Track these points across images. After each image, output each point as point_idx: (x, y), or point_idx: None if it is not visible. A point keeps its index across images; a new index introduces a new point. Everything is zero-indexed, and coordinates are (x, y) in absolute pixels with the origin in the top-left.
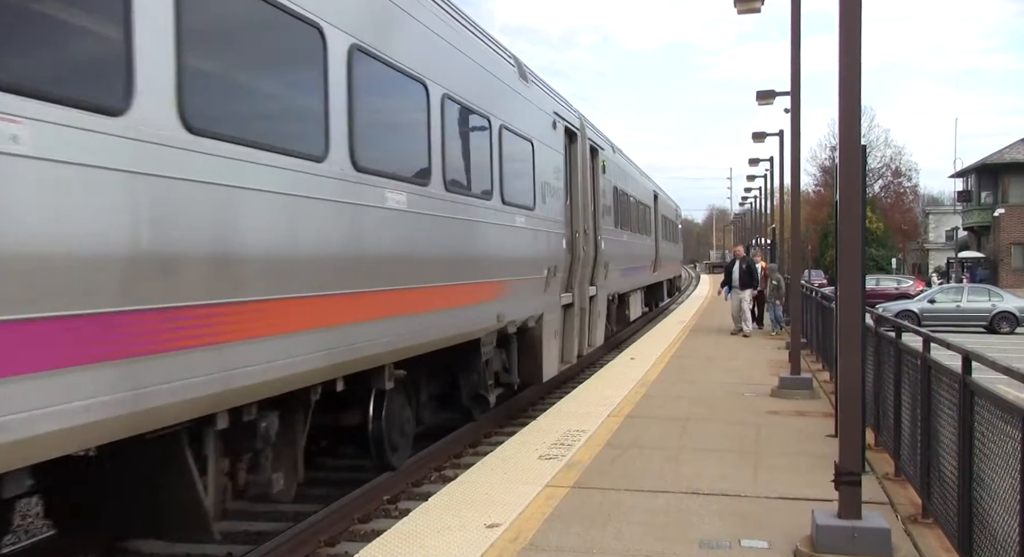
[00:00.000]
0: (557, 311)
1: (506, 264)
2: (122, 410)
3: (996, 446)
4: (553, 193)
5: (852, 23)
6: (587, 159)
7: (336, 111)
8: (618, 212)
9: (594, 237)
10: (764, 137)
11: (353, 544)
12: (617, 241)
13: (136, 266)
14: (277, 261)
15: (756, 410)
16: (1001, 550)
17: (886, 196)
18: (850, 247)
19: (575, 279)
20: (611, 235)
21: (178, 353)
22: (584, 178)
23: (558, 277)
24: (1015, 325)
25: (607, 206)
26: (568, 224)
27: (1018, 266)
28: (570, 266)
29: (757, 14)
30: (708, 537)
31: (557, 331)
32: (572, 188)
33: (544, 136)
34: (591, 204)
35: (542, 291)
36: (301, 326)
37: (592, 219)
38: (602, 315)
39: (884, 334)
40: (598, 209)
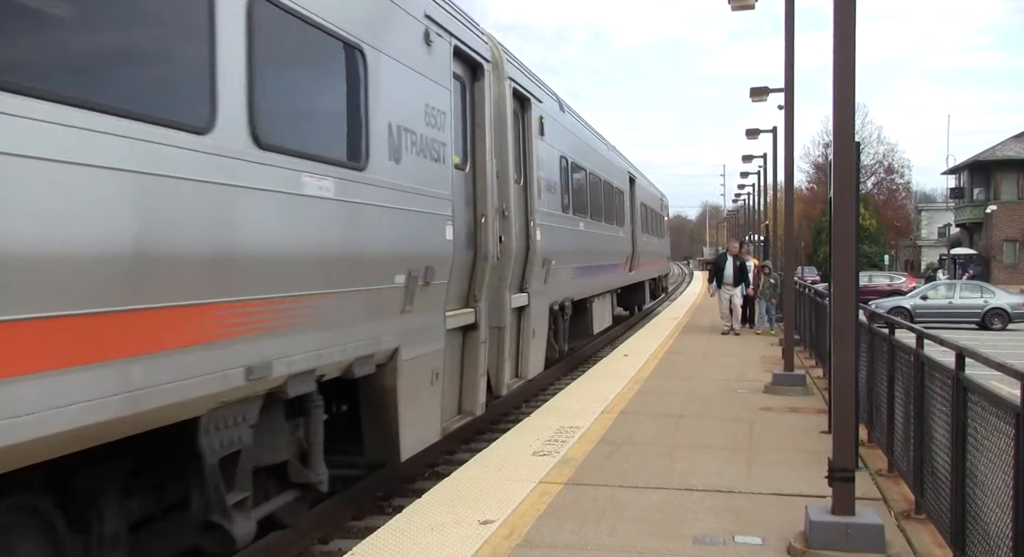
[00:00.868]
0: (437, 340)
1: (274, 265)
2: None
3: (989, 442)
4: (423, 150)
5: (846, 20)
6: (506, 109)
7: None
8: (570, 193)
9: (525, 224)
10: (757, 134)
11: (346, 541)
12: (568, 231)
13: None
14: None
15: (750, 406)
16: (994, 545)
17: (879, 193)
18: (844, 244)
19: (480, 286)
20: (558, 223)
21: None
22: (500, 136)
23: (438, 286)
24: (1007, 321)
25: (550, 183)
26: (467, 202)
27: (1010, 262)
28: (472, 267)
29: (750, 10)
30: (702, 533)
31: (439, 372)
32: (474, 148)
33: (397, 47)
34: (516, 176)
35: (396, 311)
36: None
37: (520, 199)
38: (540, 332)
39: (877, 330)
40: (531, 185)
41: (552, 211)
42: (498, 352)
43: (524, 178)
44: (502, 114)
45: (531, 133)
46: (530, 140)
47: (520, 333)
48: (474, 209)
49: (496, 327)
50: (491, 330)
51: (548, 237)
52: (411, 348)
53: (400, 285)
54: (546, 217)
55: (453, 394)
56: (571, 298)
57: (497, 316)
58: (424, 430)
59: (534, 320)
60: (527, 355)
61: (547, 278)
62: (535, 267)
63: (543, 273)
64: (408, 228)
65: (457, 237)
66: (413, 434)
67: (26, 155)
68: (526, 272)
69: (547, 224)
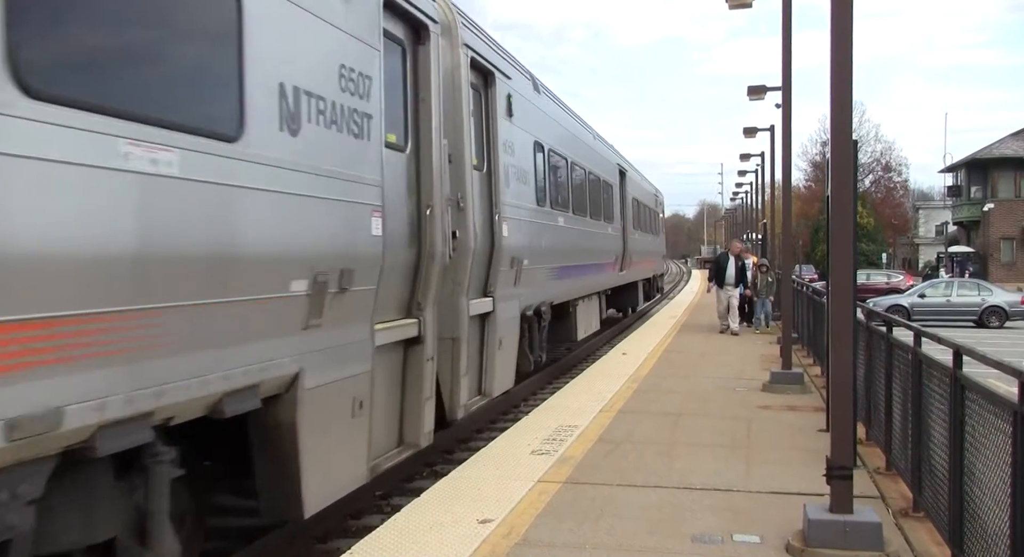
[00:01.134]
0: (359, 360)
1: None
2: None
3: (987, 440)
4: (337, 122)
5: (844, 18)
6: (462, 82)
7: None
8: (548, 184)
9: (488, 218)
10: (755, 132)
11: (345, 540)
12: (545, 227)
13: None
14: None
15: (748, 405)
16: (992, 543)
17: (876, 191)
18: (842, 242)
19: (426, 291)
20: (531, 217)
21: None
22: (453, 114)
23: (361, 293)
24: (1004, 319)
25: (521, 171)
26: (409, 191)
27: (1007, 260)
28: (415, 269)
29: (748, 9)
30: (701, 532)
31: (363, 400)
32: (417, 126)
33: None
34: (476, 162)
35: (295, 326)
36: None
37: (482, 188)
38: (509, 341)
39: (875, 329)
40: (496, 173)
41: (524, 204)
42: (452, 368)
43: (487, 165)
44: (456, 87)
45: (495, 112)
46: (494, 121)
47: (484, 344)
48: (417, 199)
49: (450, 338)
50: (443, 343)
51: (518, 233)
52: (319, 373)
53: (299, 293)
54: (516, 210)
55: (389, 423)
56: (550, 301)
57: (451, 326)
58: (340, 474)
59: (501, 328)
60: (492, 369)
61: (517, 280)
62: (501, 267)
63: (512, 274)
64: (311, 220)
65: (391, 232)
66: (323, 481)
67: None
68: (490, 273)
69: (517, 218)
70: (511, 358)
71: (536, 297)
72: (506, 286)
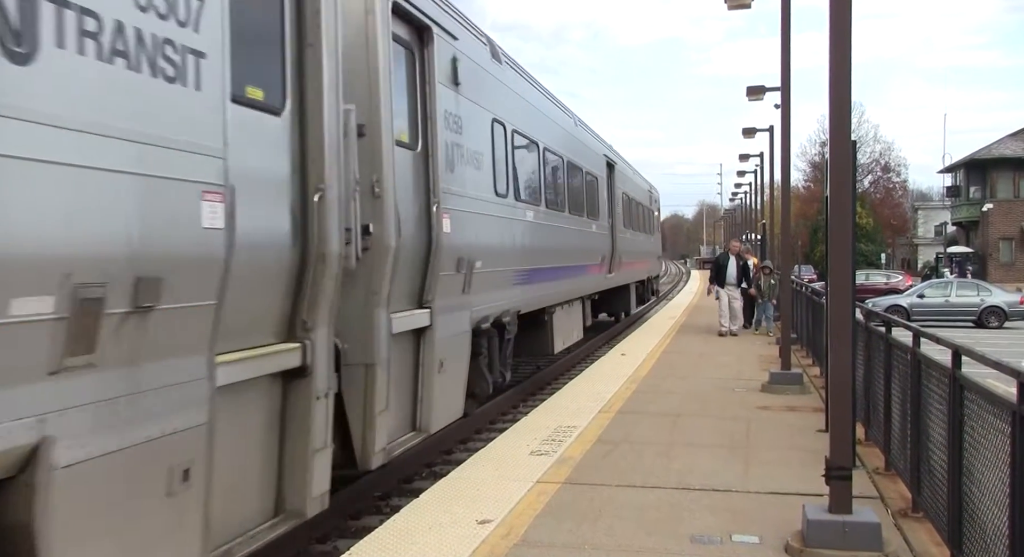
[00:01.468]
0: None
1: None
2: None
3: (986, 440)
4: (128, 53)
5: (842, 19)
6: (375, 31)
7: None
8: (512, 172)
9: (424, 210)
10: (754, 133)
11: (344, 541)
12: (508, 222)
13: None
14: None
15: (747, 405)
16: (991, 543)
17: (875, 191)
18: (841, 242)
19: (314, 306)
20: (487, 209)
21: None
22: (364, 70)
23: (184, 313)
24: (1003, 319)
25: (473, 155)
26: (284, 170)
27: (1006, 260)
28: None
29: (747, 10)
30: (699, 532)
31: (190, 468)
32: (302, 83)
33: None
34: (408, 139)
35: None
36: None
37: (415, 172)
38: (455, 362)
39: (874, 329)
40: (435, 154)
41: (477, 194)
42: (365, 404)
43: (423, 143)
44: (370, 39)
45: (433, 78)
46: (432, 89)
47: (418, 367)
48: (302, 180)
49: (361, 365)
50: (351, 371)
51: (468, 229)
52: (87, 440)
53: (29, 318)
54: (464, 201)
55: (253, 490)
56: (515, 310)
57: (362, 348)
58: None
59: (442, 346)
60: (430, 398)
61: (467, 286)
62: (442, 271)
63: (459, 279)
64: (61, 200)
65: (251, 224)
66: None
67: None
68: (427, 278)
69: (466, 211)
70: (458, 382)
71: (495, 306)
72: (450, 294)
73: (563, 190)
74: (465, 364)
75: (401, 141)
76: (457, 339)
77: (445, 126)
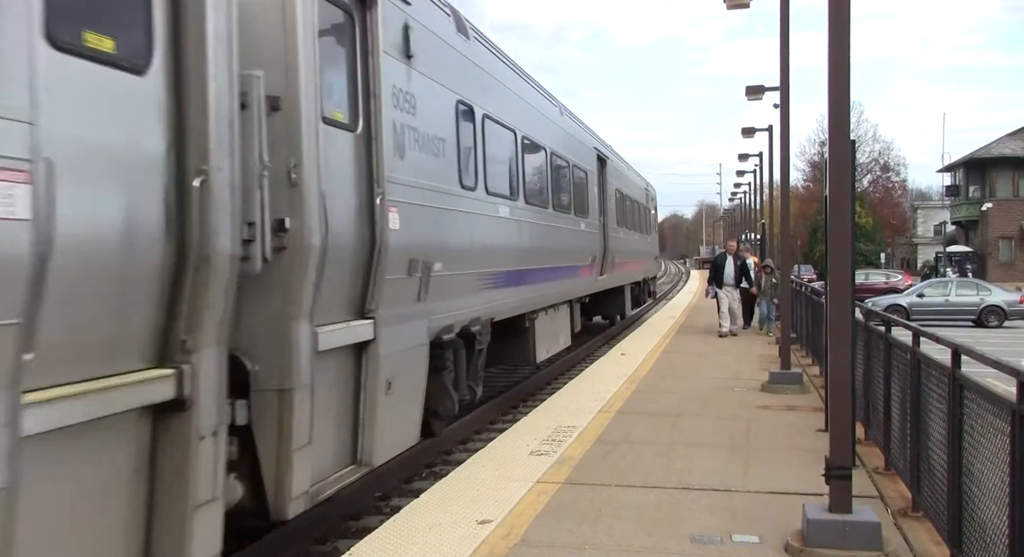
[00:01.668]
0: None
1: None
2: None
3: (985, 439)
4: None
5: (841, 19)
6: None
7: None
8: (482, 161)
9: (366, 202)
10: (753, 133)
11: (344, 541)
12: (476, 219)
13: None
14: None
15: (746, 405)
16: (991, 542)
17: (875, 191)
18: (840, 242)
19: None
20: (449, 204)
21: None
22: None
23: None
24: (1003, 319)
25: (430, 140)
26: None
27: (1006, 260)
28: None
29: (746, 10)
30: (699, 532)
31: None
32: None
33: None
34: (339, 115)
35: None
36: None
37: (355, 157)
38: (408, 382)
39: (874, 328)
40: (379, 136)
41: (437, 185)
42: (279, 439)
43: (364, 123)
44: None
45: (377, 47)
46: (376, 60)
47: (360, 389)
48: (179, 160)
49: (274, 391)
50: (262, 398)
51: (426, 226)
52: None
53: None
54: (420, 193)
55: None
56: (488, 317)
57: (276, 370)
58: None
59: (391, 363)
60: (374, 425)
61: (423, 291)
62: (389, 274)
63: (413, 284)
64: None
65: (83, 213)
66: None
67: None
68: (370, 283)
69: (422, 204)
70: (412, 404)
71: (461, 314)
72: (401, 302)
73: (546, 184)
74: (422, 382)
75: (334, 119)
76: (410, 354)
77: (394, 105)
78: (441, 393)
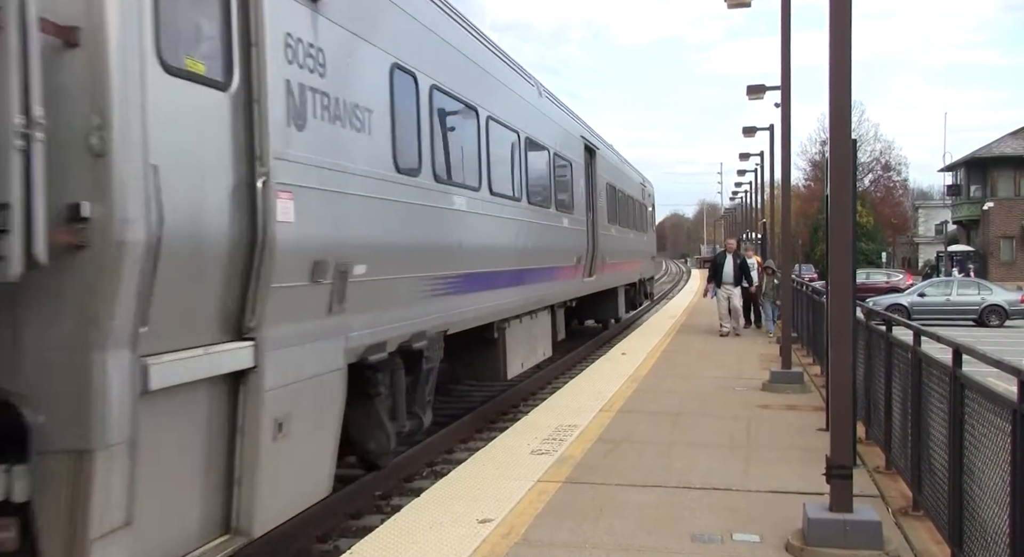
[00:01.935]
0: None
1: None
2: None
3: (986, 439)
4: None
5: (842, 18)
6: None
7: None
8: (429, 141)
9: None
10: (754, 132)
11: (345, 540)
12: (421, 211)
13: None
14: None
15: (747, 404)
16: (991, 542)
17: (876, 190)
18: (841, 241)
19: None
20: (377, 191)
21: None
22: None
23: None
24: (1004, 318)
25: (350, 108)
26: None
27: (1007, 259)
28: None
29: (747, 9)
30: (700, 531)
31: None
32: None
33: None
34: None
35: None
36: None
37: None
38: (311, 419)
39: (875, 328)
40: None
41: (358, 167)
42: (72, 524)
43: (242, 79)
44: None
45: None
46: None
47: (236, 435)
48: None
49: (70, 452)
50: (50, 464)
51: (339, 218)
52: None
53: None
54: (331, 177)
55: None
56: (438, 330)
57: (71, 424)
58: None
59: (284, 398)
60: (253, 482)
61: (338, 302)
62: (279, 281)
63: (321, 293)
64: None
65: None
66: None
67: None
68: (249, 293)
69: (335, 191)
70: (319, 447)
71: (399, 327)
72: (299, 316)
73: (519, 174)
74: (335, 417)
75: (190, 71)
76: (316, 383)
77: (288, 60)
78: (371, 425)
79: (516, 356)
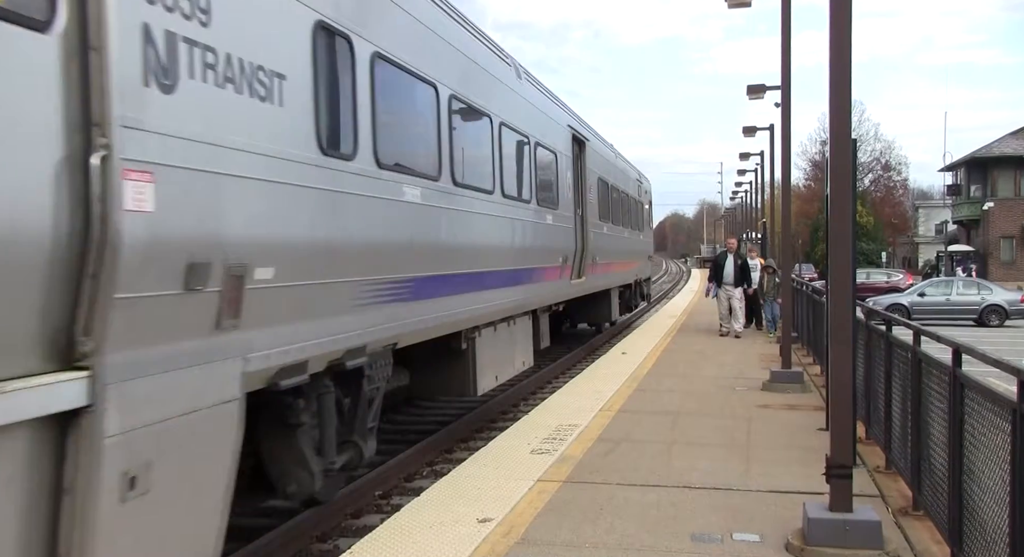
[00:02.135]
0: None
1: None
2: None
3: (986, 438)
4: None
5: (843, 18)
6: None
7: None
8: (369, 117)
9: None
10: (755, 131)
11: (345, 540)
12: (360, 200)
13: None
14: None
15: (747, 404)
16: (991, 541)
17: (876, 190)
18: (841, 241)
19: None
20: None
21: None
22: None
23: None
24: (1004, 318)
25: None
26: None
27: (1007, 259)
28: None
29: (747, 8)
30: (700, 531)
31: None
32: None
33: None
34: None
35: None
36: None
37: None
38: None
39: (875, 328)
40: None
41: (260, 143)
42: None
43: (72, 17)
44: None
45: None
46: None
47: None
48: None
49: None
50: None
51: (235, 208)
52: None
53: None
54: (222, 155)
55: None
56: (383, 344)
57: None
58: None
59: (138, 443)
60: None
61: (231, 314)
62: (128, 290)
63: (203, 303)
64: None
65: None
66: None
67: None
68: (81, 307)
69: (227, 174)
70: (198, 505)
71: (326, 342)
72: (167, 335)
73: (491, 164)
74: (225, 462)
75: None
76: (194, 420)
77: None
78: (291, 462)
79: (488, 368)
